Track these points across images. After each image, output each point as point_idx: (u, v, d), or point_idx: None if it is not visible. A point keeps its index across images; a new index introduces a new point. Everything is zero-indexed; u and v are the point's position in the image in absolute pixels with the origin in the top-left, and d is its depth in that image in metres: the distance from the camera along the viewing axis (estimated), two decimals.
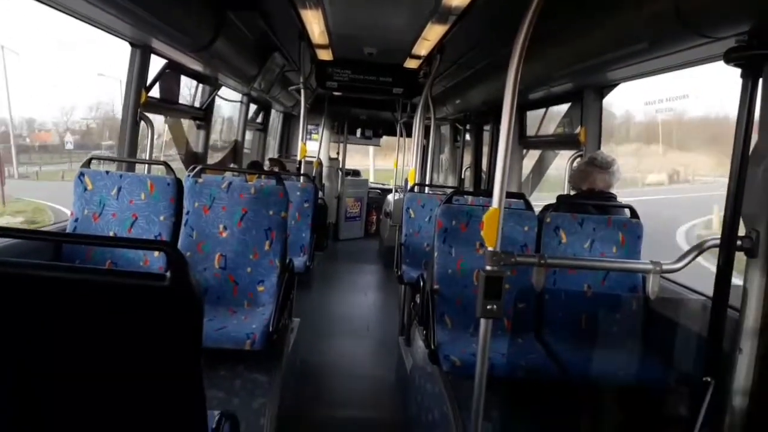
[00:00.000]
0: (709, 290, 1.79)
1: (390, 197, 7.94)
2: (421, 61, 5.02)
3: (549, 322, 2.69)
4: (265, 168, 5.84)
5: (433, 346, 2.48)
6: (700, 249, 1.80)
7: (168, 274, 1.09)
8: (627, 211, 2.85)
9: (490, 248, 1.72)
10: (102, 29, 2.89)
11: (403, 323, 4.30)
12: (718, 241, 1.72)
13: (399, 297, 4.79)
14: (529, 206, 2.91)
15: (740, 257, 1.74)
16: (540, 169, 4.71)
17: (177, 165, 3.96)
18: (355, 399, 3.44)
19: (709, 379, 1.66)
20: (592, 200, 2.91)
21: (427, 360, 2.55)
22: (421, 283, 3.07)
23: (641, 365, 2.44)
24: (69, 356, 1.17)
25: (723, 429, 1.67)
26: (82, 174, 2.86)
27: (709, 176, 16.71)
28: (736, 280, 1.77)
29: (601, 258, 2.70)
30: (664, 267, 1.81)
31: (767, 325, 1.63)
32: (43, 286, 1.11)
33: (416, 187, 4.89)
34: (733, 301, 1.70)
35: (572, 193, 3.09)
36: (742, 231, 1.74)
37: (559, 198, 2.98)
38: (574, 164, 3.54)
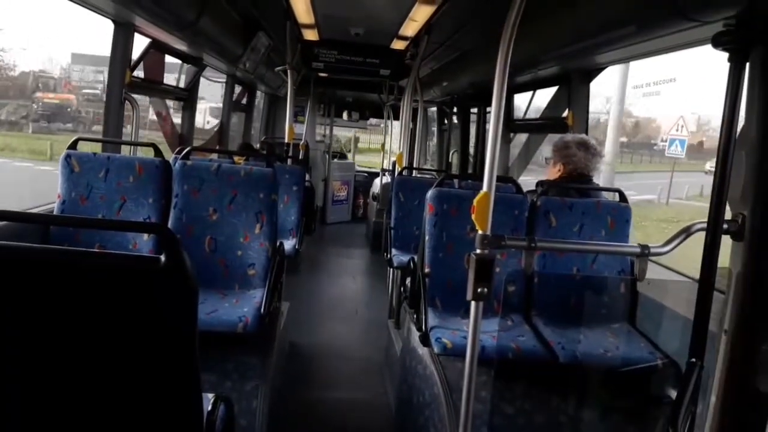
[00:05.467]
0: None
1: (377, 180, 7.93)
2: (408, 42, 4.97)
3: (538, 305, 2.72)
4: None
5: (424, 329, 2.50)
6: (687, 232, 1.82)
7: (162, 256, 1.09)
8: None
9: (480, 231, 1.73)
10: (84, 6, 2.81)
11: (392, 306, 4.32)
12: (705, 225, 1.74)
13: (387, 281, 4.81)
14: (519, 190, 2.92)
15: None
16: (527, 153, 4.72)
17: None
18: (347, 381, 3.47)
19: (695, 360, 1.69)
20: (578, 185, 2.92)
21: (417, 342, 2.57)
22: (412, 267, 3.08)
23: (629, 347, 2.48)
24: (62, 340, 1.16)
25: (709, 409, 1.71)
26: (68, 156, 2.80)
27: None
28: None
29: (590, 241, 2.73)
30: (652, 250, 1.84)
31: (752, 307, 1.67)
32: (36, 269, 1.10)
33: (404, 170, 4.88)
34: (719, 284, 1.73)
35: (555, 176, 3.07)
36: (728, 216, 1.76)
37: (540, 183, 2.97)
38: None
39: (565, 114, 3.60)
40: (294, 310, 3.86)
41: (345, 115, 9.44)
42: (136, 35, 3.28)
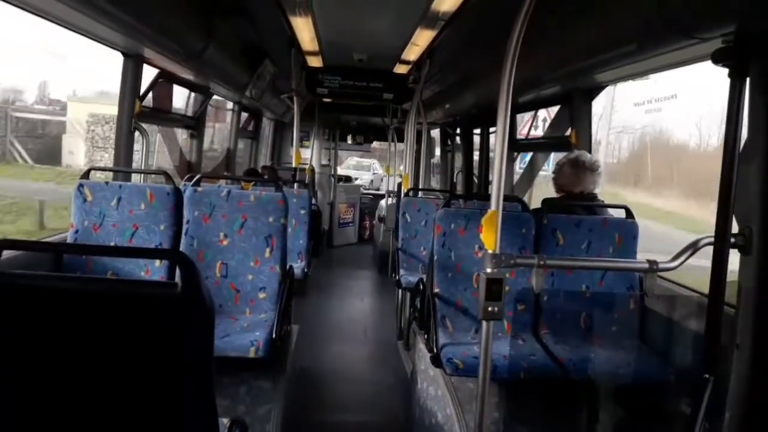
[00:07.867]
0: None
1: (383, 202, 7.96)
2: (410, 66, 5.05)
3: (548, 323, 2.72)
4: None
5: (435, 350, 2.50)
6: (694, 247, 1.83)
7: (179, 282, 1.10)
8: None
9: (489, 250, 1.74)
10: (94, 39, 2.89)
11: (400, 327, 4.30)
12: (712, 239, 1.75)
13: (395, 302, 4.80)
14: (525, 208, 2.94)
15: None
16: (531, 171, 4.75)
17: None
18: (358, 404, 3.45)
19: (707, 376, 1.68)
20: (584, 203, 2.94)
21: (428, 363, 2.57)
22: (421, 287, 3.09)
23: (640, 363, 2.47)
24: (80, 367, 1.17)
25: (723, 424, 1.69)
26: (81, 185, 2.85)
27: None
28: None
29: (598, 258, 2.73)
30: (660, 266, 1.84)
31: (763, 320, 1.66)
32: (55, 297, 1.12)
33: (410, 191, 4.92)
34: (728, 297, 1.73)
35: (557, 195, 3.10)
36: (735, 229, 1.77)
37: (546, 201, 2.99)
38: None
39: (568, 132, 3.63)
40: (303, 333, 3.86)
41: (349, 139, 9.53)
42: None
